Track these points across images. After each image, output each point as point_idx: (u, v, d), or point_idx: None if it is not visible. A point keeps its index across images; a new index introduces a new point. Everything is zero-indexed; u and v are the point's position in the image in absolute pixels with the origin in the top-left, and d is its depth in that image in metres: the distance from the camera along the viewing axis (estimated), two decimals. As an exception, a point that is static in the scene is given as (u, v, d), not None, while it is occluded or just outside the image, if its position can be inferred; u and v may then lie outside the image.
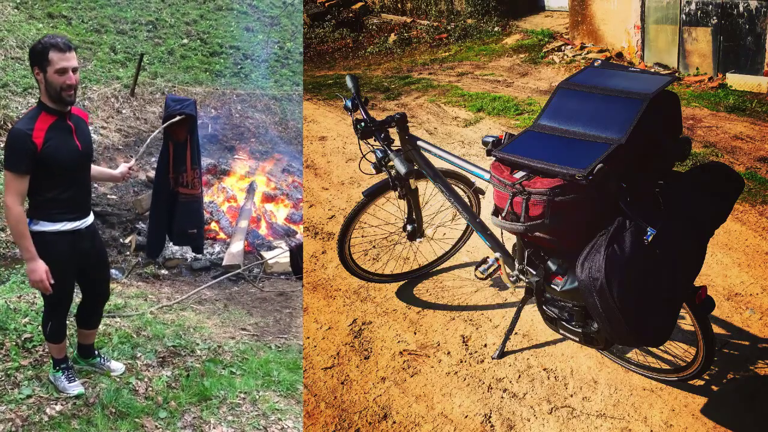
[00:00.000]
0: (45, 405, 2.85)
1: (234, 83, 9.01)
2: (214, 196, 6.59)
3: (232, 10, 10.50)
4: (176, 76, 8.63)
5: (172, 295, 4.71)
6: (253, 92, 8.94)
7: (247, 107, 8.66)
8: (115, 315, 3.91)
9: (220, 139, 8.01)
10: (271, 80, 9.41)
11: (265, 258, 5.56)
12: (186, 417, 2.90)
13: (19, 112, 6.62)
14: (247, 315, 4.48)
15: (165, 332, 3.74)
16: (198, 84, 8.61)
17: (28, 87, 7.10)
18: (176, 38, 9.43)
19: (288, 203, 6.82)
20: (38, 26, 8.36)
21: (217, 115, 8.33)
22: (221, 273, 5.28)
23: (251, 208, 6.35)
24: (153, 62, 8.73)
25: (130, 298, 4.39)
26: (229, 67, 9.32)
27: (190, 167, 3.25)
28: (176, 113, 3.16)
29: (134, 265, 5.23)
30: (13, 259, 4.87)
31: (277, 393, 3.18)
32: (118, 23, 9.20)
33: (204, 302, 4.66)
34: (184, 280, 5.21)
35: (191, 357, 3.49)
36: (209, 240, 5.85)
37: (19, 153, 2.50)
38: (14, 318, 3.53)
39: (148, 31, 9.31)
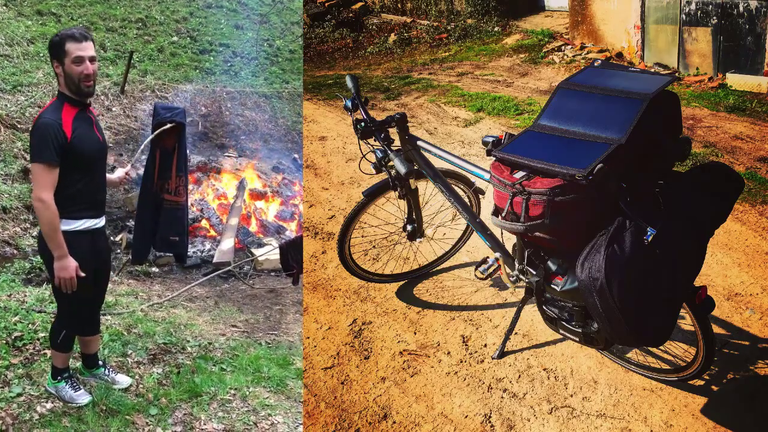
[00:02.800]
0: (35, 403, 2.85)
1: (224, 81, 9.02)
2: (204, 193, 6.60)
3: (221, 8, 10.49)
4: (166, 73, 8.61)
5: (163, 292, 4.72)
6: (243, 90, 8.94)
7: (237, 105, 8.66)
8: (106, 313, 3.91)
9: (210, 137, 8.02)
10: (261, 78, 9.41)
11: (255, 255, 5.56)
12: (177, 414, 2.91)
13: (9, 109, 6.59)
14: (238, 312, 4.49)
15: (156, 330, 3.75)
16: (188, 81, 8.61)
17: (17, 84, 7.06)
18: (166, 36, 9.41)
19: (278, 200, 6.83)
20: (27, 23, 8.33)
21: (207, 113, 8.33)
22: (212, 270, 5.29)
23: (241, 206, 6.36)
24: (143, 60, 8.72)
25: (121, 296, 4.40)
26: (219, 64, 9.32)
27: (175, 175, 3.26)
28: (167, 121, 3.19)
29: (125, 262, 5.24)
30: (3, 257, 4.87)
31: (267, 389, 3.20)
32: (107, 21, 9.17)
33: (195, 299, 4.68)
34: (174, 277, 5.22)
35: (182, 354, 3.51)
36: (200, 237, 5.87)
37: (52, 142, 2.47)
38: (4, 316, 3.53)
39: (137, 29, 9.29)
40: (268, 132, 8.46)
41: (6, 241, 5.04)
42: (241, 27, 10.24)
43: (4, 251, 4.93)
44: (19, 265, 4.69)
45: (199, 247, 5.68)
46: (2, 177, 5.72)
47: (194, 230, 6.04)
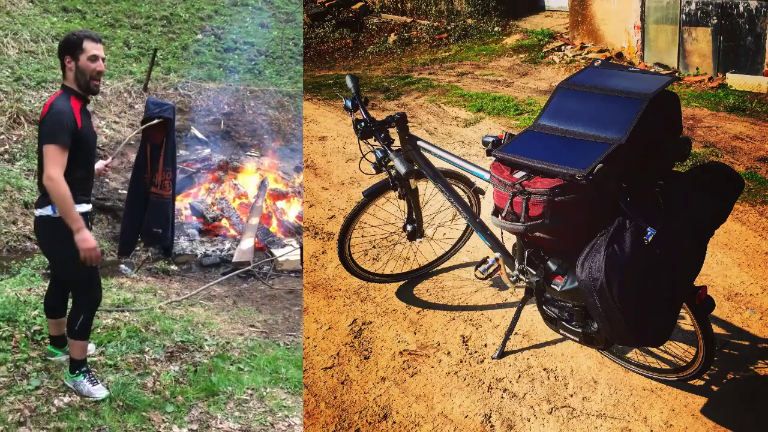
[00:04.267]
0: (53, 396, 2.87)
1: (248, 79, 8.98)
2: (225, 192, 6.59)
3: (246, 6, 10.48)
4: (189, 71, 8.61)
5: (182, 290, 4.72)
6: (267, 89, 8.91)
7: (260, 104, 8.63)
8: (124, 309, 3.92)
9: (232, 136, 8.00)
10: (285, 77, 9.38)
11: (275, 255, 5.56)
12: (193, 412, 2.91)
13: (33, 105, 6.60)
14: (256, 312, 4.49)
15: (174, 327, 3.75)
16: (211, 80, 8.59)
17: (41, 81, 7.07)
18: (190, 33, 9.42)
19: (299, 201, 6.82)
20: (52, 20, 8.34)
21: (230, 111, 8.30)
22: (231, 270, 5.30)
23: (262, 205, 6.36)
24: (167, 57, 8.70)
25: (140, 293, 4.40)
26: (243, 63, 9.29)
27: (162, 168, 3.35)
28: (155, 116, 3.30)
29: (144, 260, 5.24)
30: (24, 252, 4.92)
31: (285, 390, 3.20)
32: (132, 18, 9.18)
33: (213, 298, 4.68)
34: (193, 276, 5.23)
35: (199, 352, 3.50)
36: (219, 237, 5.86)
37: (66, 127, 2.66)
38: (24, 310, 3.54)
39: (162, 26, 9.30)
40: (291, 132, 8.43)
41: (27, 235, 5.08)
42: (267, 25, 10.21)
43: (25, 246, 4.97)
44: (39, 259, 4.73)
45: (218, 246, 5.68)
46: (25, 173, 5.74)
47: (214, 229, 6.05)
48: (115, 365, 3.20)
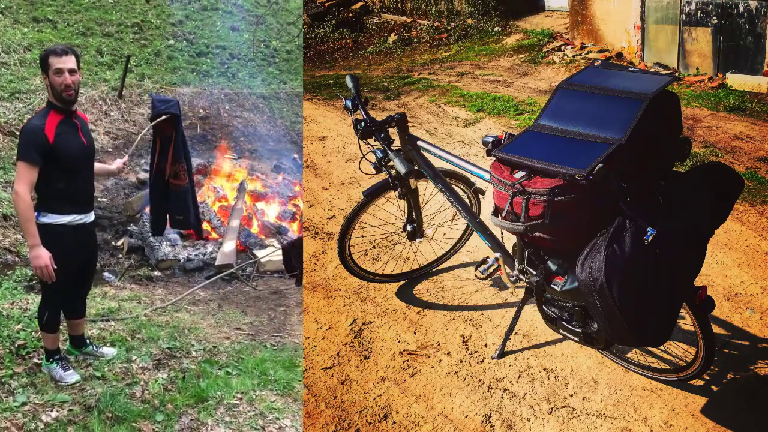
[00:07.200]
0: (40, 412, 2.82)
1: (221, 83, 9.03)
2: (204, 196, 6.58)
3: (217, 10, 10.50)
4: (163, 77, 8.61)
5: (166, 296, 4.70)
6: (241, 91, 8.95)
7: (235, 106, 8.67)
8: (110, 318, 3.90)
9: (209, 139, 8.01)
10: (258, 79, 9.42)
11: (258, 257, 5.56)
12: (183, 419, 2.89)
13: (8, 117, 6.60)
14: (242, 314, 4.47)
15: (160, 334, 3.74)
16: (185, 84, 8.60)
17: (15, 92, 7.05)
18: (162, 39, 9.42)
19: (279, 201, 6.82)
20: (23, 30, 8.30)
21: (205, 115, 8.33)
22: (214, 273, 5.28)
23: (242, 207, 6.35)
24: (140, 64, 8.71)
25: (124, 301, 4.38)
26: (216, 66, 9.33)
27: (171, 162, 3.47)
28: (162, 112, 3.39)
29: (127, 267, 5.22)
30: (5, 265, 4.84)
31: (274, 392, 3.19)
32: (103, 26, 9.17)
33: (198, 303, 4.65)
34: (177, 281, 5.19)
35: (187, 358, 3.48)
36: (201, 240, 5.85)
37: (32, 144, 2.76)
38: (7, 325, 3.51)
39: (134, 33, 9.29)
40: (266, 133, 8.47)
41: (7, 248, 5.02)
42: (237, 29, 10.26)
43: (6, 259, 4.90)
44: (20, 272, 4.64)
45: (200, 249, 5.68)
46: (2, 184, 5.71)
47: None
48: (102, 376, 3.18)
